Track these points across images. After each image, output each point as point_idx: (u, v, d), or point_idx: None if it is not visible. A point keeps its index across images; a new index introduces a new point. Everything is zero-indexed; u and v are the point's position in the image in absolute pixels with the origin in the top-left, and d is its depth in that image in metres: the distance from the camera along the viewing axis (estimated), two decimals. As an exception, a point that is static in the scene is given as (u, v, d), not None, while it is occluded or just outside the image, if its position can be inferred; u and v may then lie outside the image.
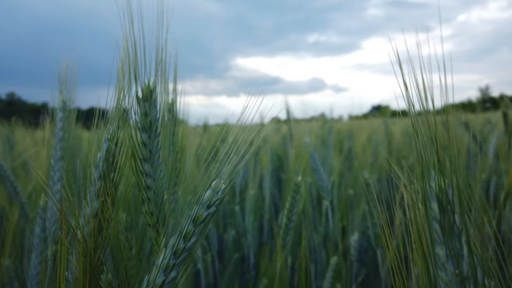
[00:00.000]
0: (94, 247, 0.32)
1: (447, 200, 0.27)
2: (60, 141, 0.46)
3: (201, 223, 0.31)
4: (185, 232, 0.31)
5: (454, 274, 0.27)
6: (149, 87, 0.31)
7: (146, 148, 0.32)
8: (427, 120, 0.27)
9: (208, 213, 0.31)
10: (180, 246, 0.31)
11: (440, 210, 0.27)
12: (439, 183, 0.27)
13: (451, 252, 0.27)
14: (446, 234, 0.27)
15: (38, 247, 0.47)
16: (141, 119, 0.31)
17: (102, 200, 0.31)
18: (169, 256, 0.31)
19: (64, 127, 0.47)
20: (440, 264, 0.27)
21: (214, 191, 0.31)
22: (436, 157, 0.27)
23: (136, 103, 0.31)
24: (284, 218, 0.71)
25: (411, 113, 0.28)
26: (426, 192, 0.28)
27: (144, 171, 0.32)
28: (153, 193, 0.33)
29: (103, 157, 0.31)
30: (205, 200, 0.31)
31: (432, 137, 0.27)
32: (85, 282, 0.32)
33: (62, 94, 0.46)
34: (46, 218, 0.47)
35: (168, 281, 0.31)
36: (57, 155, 0.46)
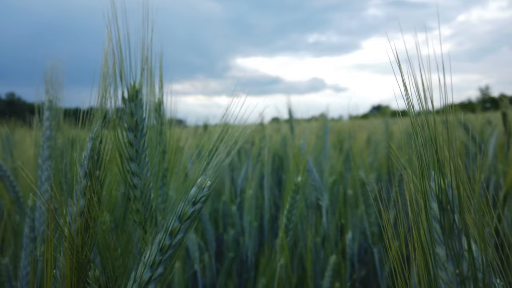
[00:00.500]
0: (81, 245, 0.33)
1: (446, 199, 0.27)
2: (48, 140, 0.46)
3: (187, 219, 0.31)
4: (171, 228, 0.31)
5: (454, 274, 0.27)
6: (134, 87, 0.31)
7: (133, 148, 0.32)
8: (426, 120, 0.27)
9: (194, 210, 0.31)
10: (166, 243, 0.31)
11: (440, 209, 0.27)
12: (439, 182, 0.27)
13: (451, 252, 0.27)
14: (446, 234, 0.27)
15: (27, 247, 0.48)
16: (127, 119, 0.32)
17: (88, 198, 0.32)
18: (156, 253, 0.31)
19: (51, 126, 0.47)
20: (440, 263, 0.27)
21: (199, 188, 0.31)
22: (436, 157, 0.27)
23: (122, 103, 0.31)
24: (284, 219, 0.71)
25: (411, 113, 0.28)
26: (426, 192, 0.28)
27: (131, 170, 0.33)
28: (140, 191, 0.33)
29: (88, 156, 0.32)
30: (191, 197, 0.31)
31: (432, 137, 0.27)
32: (73, 279, 0.33)
33: (49, 93, 0.47)
34: (34, 217, 0.47)
35: (155, 278, 0.31)
36: (45, 155, 0.46)
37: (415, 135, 0.28)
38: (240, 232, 1.24)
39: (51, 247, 0.32)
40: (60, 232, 0.32)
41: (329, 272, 0.87)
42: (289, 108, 1.61)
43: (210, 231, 1.09)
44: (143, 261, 0.31)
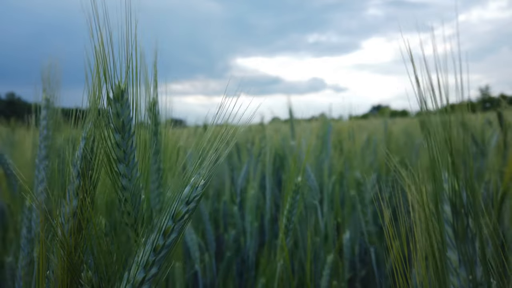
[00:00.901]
0: (74, 245, 0.33)
1: (461, 203, 0.26)
2: (45, 140, 0.46)
3: (181, 219, 0.31)
4: (165, 228, 0.31)
5: (467, 280, 0.26)
6: (119, 87, 0.31)
7: (120, 149, 0.32)
8: (441, 120, 0.26)
9: (188, 209, 0.31)
10: (159, 243, 0.31)
11: (453, 213, 0.26)
12: (452, 185, 0.26)
13: (464, 257, 0.26)
14: (459, 238, 0.26)
15: (25, 248, 0.47)
16: (113, 119, 0.32)
17: (81, 198, 0.32)
18: (149, 253, 0.31)
19: (48, 125, 0.47)
20: (452, 269, 0.26)
21: (193, 187, 0.31)
22: (451, 159, 0.26)
23: (107, 104, 0.31)
24: (283, 219, 0.71)
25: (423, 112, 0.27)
26: (438, 194, 0.27)
27: (119, 171, 0.32)
28: (130, 193, 0.33)
29: (80, 156, 0.32)
30: (184, 196, 0.31)
31: (446, 138, 0.26)
32: (66, 279, 0.33)
33: (46, 92, 0.46)
34: (32, 218, 0.47)
35: (148, 278, 0.31)
36: (42, 154, 0.46)
37: (427, 135, 0.27)
38: (241, 232, 1.24)
39: (44, 248, 0.32)
40: (53, 233, 0.32)
41: (326, 271, 0.87)
42: (289, 108, 1.61)
43: (211, 231, 1.09)
44: (136, 261, 0.31)
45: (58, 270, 0.32)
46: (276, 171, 1.45)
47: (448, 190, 0.26)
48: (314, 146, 1.27)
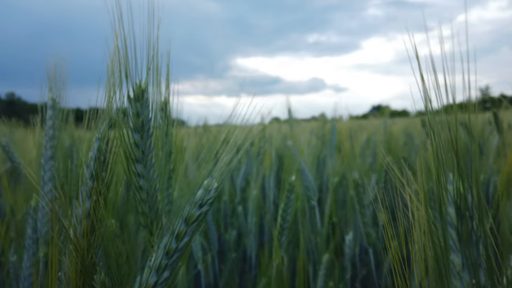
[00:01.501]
0: (87, 247, 0.32)
1: (465, 205, 0.25)
2: (51, 140, 0.46)
3: (194, 222, 0.31)
4: (177, 232, 0.31)
5: (470, 284, 0.25)
6: (140, 87, 0.31)
7: (139, 149, 0.32)
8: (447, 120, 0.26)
9: (201, 212, 0.31)
10: (172, 246, 0.31)
11: (457, 215, 0.26)
12: (457, 187, 0.26)
13: (468, 261, 0.25)
14: (463, 241, 0.25)
15: (30, 248, 0.47)
16: (133, 119, 0.31)
17: (94, 199, 0.31)
18: (161, 256, 0.31)
19: (54, 125, 0.46)
20: (455, 272, 0.26)
21: (206, 190, 0.31)
22: (456, 160, 0.26)
23: (127, 103, 0.31)
24: (278, 218, 0.71)
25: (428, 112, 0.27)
26: (442, 196, 0.27)
27: (137, 172, 0.32)
28: (146, 194, 0.32)
29: (94, 157, 0.31)
30: (197, 199, 0.31)
31: (452, 138, 0.26)
32: (78, 282, 0.32)
33: (52, 92, 0.46)
34: (37, 218, 0.46)
35: (161, 282, 0.31)
36: (48, 154, 0.45)
37: (432, 135, 0.27)
38: (244, 233, 1.23)
39: (56, 249, 0.31)
40: (65, 234, 0.32)
41: (322, 271, 0.86)
42: (289, 108, 1.61)
43: (214, 231, 1.09)
44: (148, 265, 0.31)
45: (71, 272, 0.32)
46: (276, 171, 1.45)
47: (453, 192, 0.26)
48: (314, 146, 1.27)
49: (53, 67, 0.44)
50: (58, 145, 0.45)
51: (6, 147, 0.74)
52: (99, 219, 0.32)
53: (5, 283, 0.74)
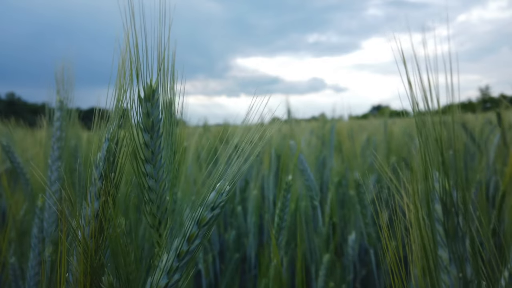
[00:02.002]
0: (95, 248, 0.32)
1: (451, 202, 0.26)
2: (58, 141, 0.46)
3: (205, 225, 0.31)
4: (189, 234, 0.30)
5: (457, 278, 0.26)
6: (151, 87, 0.31)
7: (148, 149, 0.31)
8: (432, 120, 0.27)
9: (213, 215, 0.31)
10: (183, 249, 0.30)
11: (444, 212, 0.27)
12: (443, 184, 0.27)
13: (455, 255, 0.26)
14: (450, 237, 0.27)
15: (36, 248, 0.47)
16: (143, 119, 0.31)
17: (103, 200, 0.31)
18: (173, 259, 0.30)
19: (62, 126, 0.46)
20: (443, 266, 0.27)
21: (218, 192, 0.31)
22: (441, 158, 0.27)
23: (138, 103, 0.31)
24: (276, 218, 0.70)
25: (415, 113, 0.28)
26: (429, 193, 0.28)
27: (146, 172, 0.32)
28: (155, 194, 0.32)
29: (103, 157, 0.31)
30: (210, 202, 0.30)
31: (437, 138, 0.27)
32: (86, 283, 0.32)
33: (59, 93, 0.46)
34: (43, 218, 0.46)
35: (172, 284, 0.31)
36: (55, 155, 0.45)
37: (419, 135, 0.28)
38: (244, 232, 1.23)
39: (64, 250, 0.31)
40: (73, 235, 0.31)
41: (323, 272, 0.86)
42: (288, 108, 1.61)
43: (215, 231, 1.09)
44: (160, 267, 0.31)
45: (78, 273, 0.32)
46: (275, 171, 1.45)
47: (439, 189, 0.27)
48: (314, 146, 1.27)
49: (61, 69, 0.44)
50: (65, 146, 0.45)
51: (6, 147, 0.73)
52: (108, 220, 0.31)
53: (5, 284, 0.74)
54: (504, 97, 1.20)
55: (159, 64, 0.30)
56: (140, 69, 0.29)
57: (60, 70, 0.44)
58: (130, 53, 0.29)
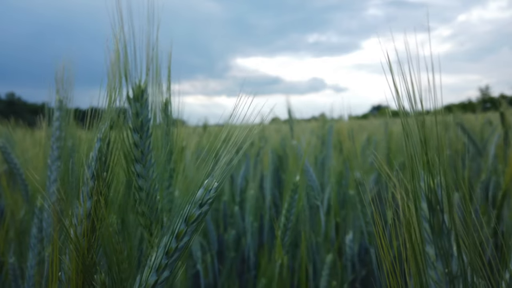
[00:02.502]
0: (87, 247, 0.32)
1: (436, 199, 0.27)
2: (57, 141, 0.46)
3: (194, 222, 0.31)
4: (177, 231, 0.31)
5: (443, 273, 0.27)
6: (140, 87, 0.31)
7: (138, 149, 0.32)
8: (416, 121, 0.27)
9: (201, 212, 0.31)
10: (172, 246, 0.31)
11: (429, 209, 0.28)
12: (428, 183, 0.27)
13: (441, 251, 0.27)
14: (435, 233, 0.27)
15: (35, 248, 0.47)
16: (132, 119, 0.31)
17: (95, 200, 0.31)
18: (161, 256, 0.31)
19: (61, 126, 0.46)
20: (430, 263, 0.28)
21: (206, 189, 0.31)
22: (426, 158, 0.27)
23: (127, 103, 0.31)
24: (282, 218, 0.71)
25: (401, 114, 0.28)
26: (416, 192, 0.28)
27: (136, 171, 0.32)
28: (145, 194, 0.33)
29: (95, 157, 0.31)
30: (197, 199, 0.31)
31: (421, 138, 0.27)
32: (79, 282, 0.32)
33: (59, 93, 0.46)
34: (42, 218, 0.47)
35: (161, 281, 0.31)
36: (54, 155, 0.46)
37: (405, 135, 0.28)
38: (242, 232, 1.23)
39: (56, 249, 0.31)
40: (66, 234, 0.32)
41: (326, 271, 0.87)
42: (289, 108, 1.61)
43: (213, 231, 1.09)
44: (148, 264, 0.31)
45: (71, 272, 0.32)
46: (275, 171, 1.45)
47: (424, 187, 0.27)
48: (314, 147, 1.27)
49: (61, 68, 0.44)
50: (64, 146, 0.46)
51: (3, 148, 0.74)
52: (100, 219, 0.32)
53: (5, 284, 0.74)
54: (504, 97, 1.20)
55: (148, 64, 0.30)
56: (129, 69, 0.30)
57: (59, 69, 0.44)
58: (119, 54, 0.29)
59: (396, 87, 0.28)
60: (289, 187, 0.71)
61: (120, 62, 0.30)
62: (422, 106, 0.27)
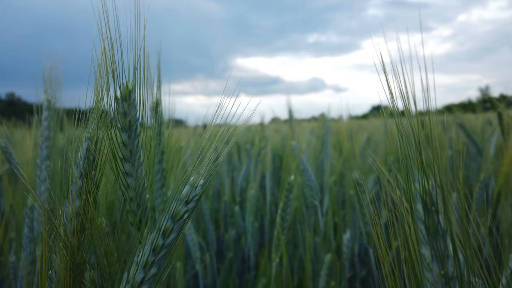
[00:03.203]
0: (77, 245, 0.32)
1: (431, 200, 0.27)
2: (46, 140, 0.46)
3: (180, 219, 0.31)
4: (164, 228, 0.31)
5: (439, 274, 0.27)
6: (127, 87, 0.31)
7: (126, 148, 0.32)
8: (410, 122, 0.27)
9: (187, 209, 0.31)
10: (159, 243, 0.31)
11: (424, 210, 0.27)
12: (423, 184, 0.27)
13: (436, 253, 0.27)
14: (430, 235, 0.27)
15: (27, 247, 0.48)
16: (120, 119, 0.32)
17: (84, 198, 0.32)
18: (148, 253, 0.31)
19: (50, 126, 0.47)
20: (426, 264, 0.28)
21: (192, 186, 0.31)
22: (420, 159, 0.27)
23: (115, 103, 0.31)
24: (277, 218, 0.71)
25: (396, 115, 0.28)
26: (411, 193, 0.28)
27: (125, 170, 0.32)
28: (134, 192, 0.33)
29: (83, 156, 0.32)
30: (183, 196, 0.31)
31: (415, 139, 0.27)
32: (68, 279, 0.33)
33: (47, 93, 0.47)
34: (33, 218, 0.47)
35: (148, 278, 0.31)
36: (43, 154, 0.46)
37: (399, 136, 0.28)
38: (242, 232, 1.23)
39: (46, 247, 0.32)
40: (56, 233, 0.32)
41: (324, 271, 0.87)
42: (289, 108, 1.61)
43: (212, 231, 1.09)
44: (135, 261, 0.31)
45: (61, 270, 0.32)
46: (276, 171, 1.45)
47: (419, 189, 0.27)
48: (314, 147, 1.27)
49: (49, 68, 0.45)
50: (53, 145, 0.46)
51: (5, 148, 0.74)
52: (89, 218, 0.32)
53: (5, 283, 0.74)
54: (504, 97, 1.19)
55: (136, 64, 0.30)
56: (116, 70, 0.30)
57: (47, 69, 0.44)
58: (106, 54, 0.30)
59: (390, 87, 0.27)
60: (284, 187, 0.72)
61: (107, 61, 0.30)
62: (416, 106, 0.27)
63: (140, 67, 0.31)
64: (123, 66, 0.30)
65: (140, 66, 0.31)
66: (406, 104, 0.28)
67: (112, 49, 0.29)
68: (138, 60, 0.30)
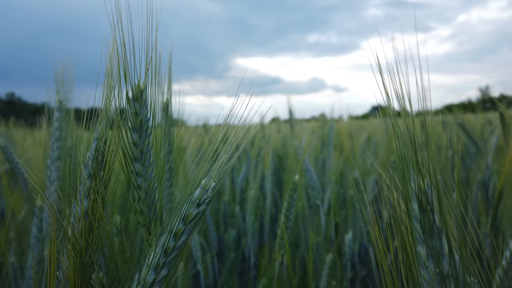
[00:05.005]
0: (85, 246, 0.32)
1: (426, 200, 0.27)
2: (57, 141, 0.46)
3: (191, 221, 0.31)
4: (175, 230, 0.31)
5: (435, 273, 0.27)
6: (139, 87, 0.31)
7: (137, 148, 0.32)
8: (405, 122, 0.27)
9: (198, 211, 0.31)
10: (170, 245, 0.31)
11: (420, 210, 0.28)
12: (418, 183, 0.27)
13: (432, 251, 0.27)
14: (426, 233, 0.27)
15: (35, 247, 0.48)
16: (131, 119, 0.32)
17: (92, 199, 0.32)
18: (160, 255, 0.31)
19: (61, 127, 0.47)
20: (422, 262, 0.28)
21: (203, 189, 0.31)
22: (415, 158, 0.27)
23: (126, 103, 0.31)
24: (282, 217, 0.71)
25: (391, 115, 0.28)
26: (407, 192, 0.28)
27: (135, 170, 0.32)
28: (144, 192, 0.33)
29: (92, 156, 0.31)
30: (195, 198, 0.31)
31: (411, 139, 0.27)
32: (76, 280, 0.32)
33: (59, 94, 0.47)
34: (42, 218, 0.47)
35: (159, 280, 0.31)
36: (54, 155, 0.46)
37: (395, 136, 0.28)
38: (242, 232, 1.23)
39: (54, 248, 0.31)
40: (64, 233, 0.32)
41: (325, 271, 0.87)
42: (289, 108, 1.61)
43: (213, 232, 1.09)
44: (146, 263, 0.31)
45: (69, 271, 0.32)
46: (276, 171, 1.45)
47: (415, 188, 0.28)
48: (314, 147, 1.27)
49: (60, 70, 0.45)
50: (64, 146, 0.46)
51: (5, 147, 0.74)
52: (97, 218, 0.32)
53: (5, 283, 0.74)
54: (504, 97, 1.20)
55: (147, 64, 0.30)
56: (128, 69, 0.30)
57: (59, 70, 0.45)
58: (118, 53, 0.29)
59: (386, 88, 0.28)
60: (288, 186, 0.72)
61: (119, 61, 0.30)
62: (411, 107, 0.27)
63: (152, 67, 0.31)
64: (135, 66, 0.30)
65: (151, 66, 0.31)
66: (402, 104, 0.28)
67: (125, 49, 0.29)
68: (150, 60, 0.30)
